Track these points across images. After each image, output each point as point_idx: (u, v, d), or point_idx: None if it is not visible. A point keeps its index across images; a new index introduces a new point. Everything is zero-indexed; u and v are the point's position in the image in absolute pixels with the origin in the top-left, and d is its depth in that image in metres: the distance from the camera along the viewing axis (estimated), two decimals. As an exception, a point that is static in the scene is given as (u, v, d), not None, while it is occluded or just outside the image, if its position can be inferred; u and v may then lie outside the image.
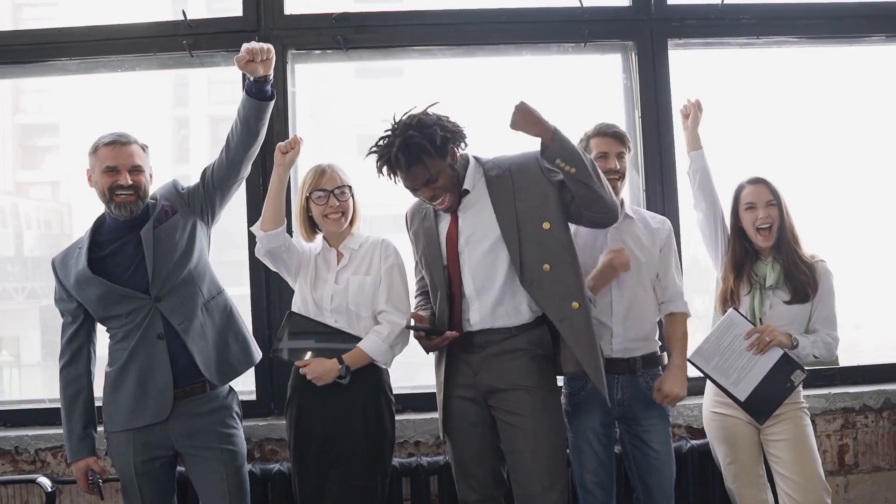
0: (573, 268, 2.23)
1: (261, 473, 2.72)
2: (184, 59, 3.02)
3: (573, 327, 2.18)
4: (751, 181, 2.59)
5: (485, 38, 3.07)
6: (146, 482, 2.30)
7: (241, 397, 2.85)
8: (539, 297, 2.20)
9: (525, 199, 2.22)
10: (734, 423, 2.51)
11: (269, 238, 2.37)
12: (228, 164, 2.41)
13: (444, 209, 2.26)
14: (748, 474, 2.49)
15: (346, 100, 3.40)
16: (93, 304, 2.31)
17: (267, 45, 2.34)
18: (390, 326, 2.33)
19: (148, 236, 2.31)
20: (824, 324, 2.53)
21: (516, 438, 2.20)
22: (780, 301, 2.51)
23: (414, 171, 2.15)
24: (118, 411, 2.31)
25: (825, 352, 2.50)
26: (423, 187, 2.19)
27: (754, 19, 3.09)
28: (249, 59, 2.31)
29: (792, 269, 2.51)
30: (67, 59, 3.03)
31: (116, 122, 3.19)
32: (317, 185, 2.38)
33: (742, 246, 2.58)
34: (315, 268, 2.44)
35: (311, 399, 2.34)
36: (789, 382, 2.42)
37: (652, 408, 2.43)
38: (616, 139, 2.49)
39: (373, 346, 2.31)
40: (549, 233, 2.20)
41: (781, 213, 2.54)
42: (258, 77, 2.35)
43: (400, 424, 2.84)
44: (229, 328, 2.42)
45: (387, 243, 2.44)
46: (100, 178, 2.32)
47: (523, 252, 2.19)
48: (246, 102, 2.37)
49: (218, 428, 2.35)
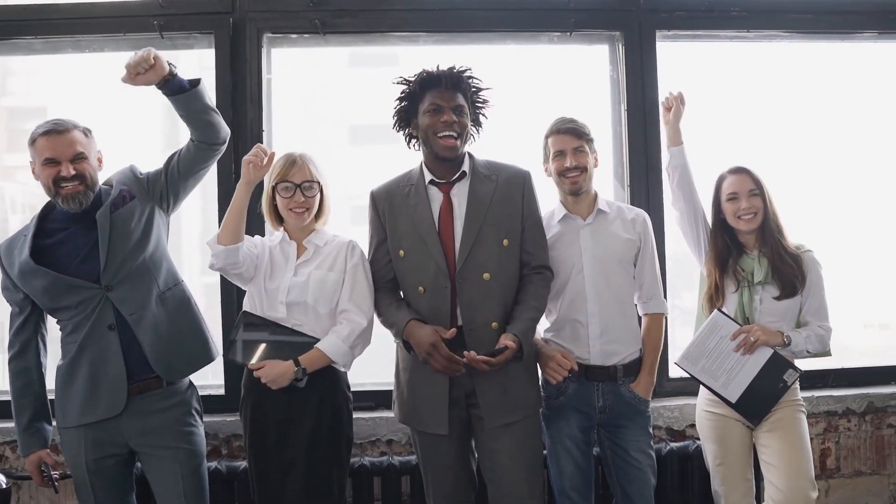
0: (509, 291, 2.21)
1: (227, 471, 2.63)
2: (154, 40, 2.89)
3: (475, 341, 2.15)
4: (732, 171, 2.50)
5: (468, 25, 2.99)
6: (99, 481, 2.21)
7: (209, 392, 2.80)
8: (463, 296, 2.16)
9: (498, 206, 2.21)
10: (726, 423, 2.45)
11: (225, 253, 2.23)
12: (195, 150, 2.28)
13: (448, 147, 2.19)
14: (736, 477, 2.43)
15: (339, 89, 3.31)
16: (38, 295, 2.21)
17: (141, 53, 2.07)
18: (350, 326, 2.24)
19: (104, 220, 2.19)
20: (815, 315, 2.45)
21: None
22: (770, 297, 2.44)
23: (452, 93, 2.21)
24: (70, 406, 2.21)
25: (819, 345, 2.43)
26: (449, 110, 2.18)
27: (745, 12, 3.03)
28: (135, 74, 2.08)
29: (778, 262, 2.43)
30: (32, 37, 2.91)
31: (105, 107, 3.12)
32: (285, 175, 2.27)
33: (725, 240, 2.50)
34: (271, 259, 2.34)
35: (265, 399, 2.25)
36: (782, 382, 2.37)
37: (634, 415, 2.38)
38: (571, 134, 2.38)
39: (332, 347, 2.22)
40: (504, 249, 2.19)
41: (765, 203, 2.45)
42: (159, 83, 2.13)
43: (372, 422, 2.78)
44: (186, 321, 2.32)
45: (354, 244, 2.35)
46: (41, 172, 2.18)
47: (472, 252, 2.16)
48: (173, 103, 2.18)
49: (175, 426, 2.25)
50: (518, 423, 2.19)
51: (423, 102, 2.22)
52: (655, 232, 2.59)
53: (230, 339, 2.31)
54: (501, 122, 3.06)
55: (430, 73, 2.21)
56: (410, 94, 2.25)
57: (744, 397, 2.37)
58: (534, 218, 2.28)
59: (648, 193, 2.92)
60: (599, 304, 2.35)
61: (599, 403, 2.36)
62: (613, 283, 2.37)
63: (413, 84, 2.24)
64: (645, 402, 2.39)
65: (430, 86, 2.21)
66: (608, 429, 2.40)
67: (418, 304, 2.21)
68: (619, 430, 2.38)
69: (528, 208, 2.26)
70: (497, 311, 2.18)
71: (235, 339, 2.29)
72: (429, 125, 2.20)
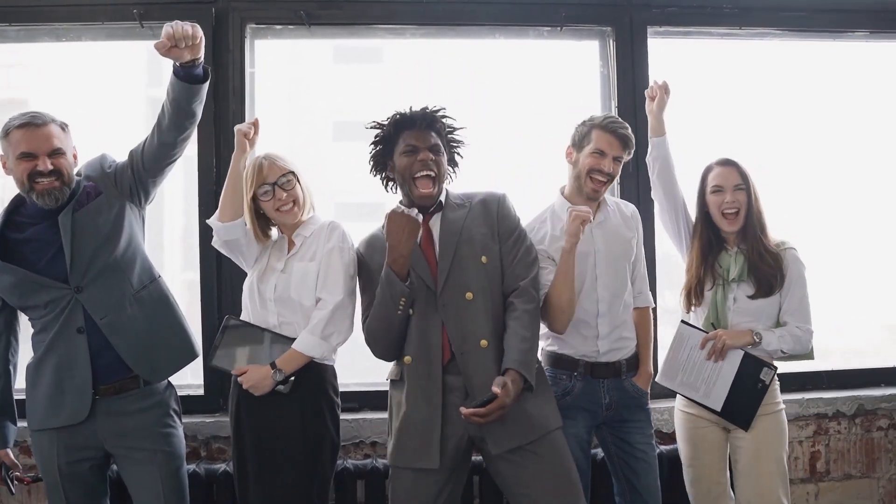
0: (494, 308, 2.13)
1: (205, 474, 2.56)
2: (134, 29, 2.81)
3: (470, 363, 2.07)
4: (719, 163, 2.45)
5: (456, 18, 2.94)
6: (72, 485, 2.13)
7: (188, 392, 2.73)
8: (448, 317, 2.09)
9: (472, 227, 2.16)
10: (700, 423, 2.42)
11: (227, 230, 2.24)
12: (160, 146, 2.18)
13: (424, 196, 2.13)
14: (707, 481, 2.40)
15: (323, 85, 3.26)
16: (6, 291, 2.12)
17: (192, 27, 1.95)
18: (320, 314, 2.16)
19: (66, 221, 2.10)
20: (794, 315, 2.38)
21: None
22: (744, 296, 2.38)
23: (427, 133, 2.16)
24: (36, 408, 2.14)
25: (795, 345, 2.35)
26: (425, 150, 2.13)
27: (737, 9, 3.00)
28: (172, 45, 1.93)
29: (756, 260, 2.37)
30: (6, 24, 2.81)
31: (87, 99, 3.04)
32: (259, 180, 2.21)
33: (708, 234, 2.44)
34: (268, 257, 2.30)
35: (249, 405, 2.18)
36: (760, 382, 2.33)
37: (636, 410, 2.37)
38: (621, 142, 2.30)
39: (303, 343, 2.15)
40: (483, 266, 2.14)
41: (750, 198, 2.39)
42: (185, 62, 2.02)
43: (356, 424, 2.72)
44: (164, 320, 2.24)
45: (334, 225, 2.28)
46: (16, 166, 2.09)
47: (451, 273, 2.11)
48: (175, 85, 2.06)
49: (153, 427, 2.18)
50: (535, 443, 2.07)
51: (398, 144, 2.17)
52: (645, 229, 2.56)
53: (213, 345, 2.25)
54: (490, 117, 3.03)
55: (404, 115, 2.17)
56: (385, 136, 2.20)
57: (727, 404, 2.34)
58: (512, 233, 2.20)
59: (639, 189, 2.87)
60: (609, 303, 2.33)
61: (606, 400, 2.33)
62: (619, 280, 2.35)
63: (387, 126, 2.19)
64: (646, 396, 2.39)
65: (405, 127, 2.16)
66: (612, 425, 2.37)
67: (410, 329, 2.14)
68: (623, 424, 2.35)
69: (503, 224, 2.20)
70: (485, 328, 2.10)
71: (218, 345, 2.23)
72: (405, 166, 2.14)
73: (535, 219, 2.41)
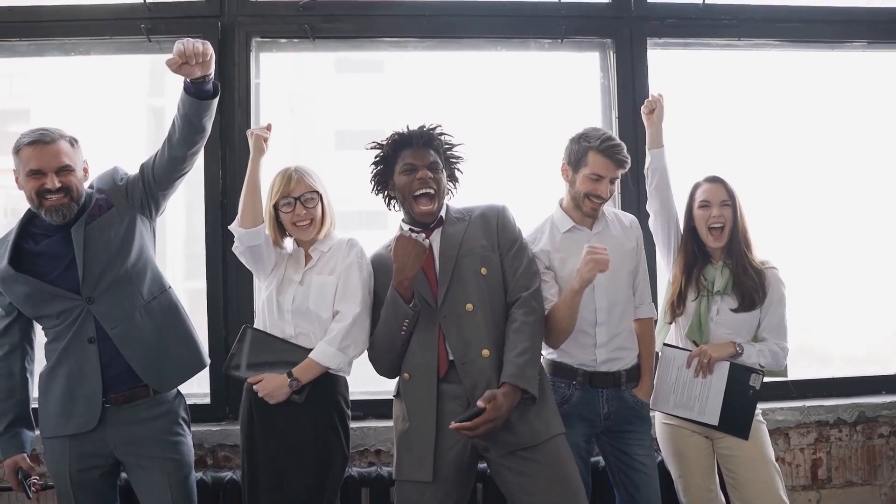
0: (495, 318, 2.15)
1: (212, 482, 2.58)
2: (142, 44, 2.86)
3: (472, 373, 2.09)
4: (708, 179, 2.50)
5: (458, 31, 2.97)
6: (83, 492, 2.16)
7: (195, 401, 2.75)
8: (449, 329, 2.12)
9: (472, 239, 2.20)
10: (683, 434, 2.45)
11: (249, 235, 2.24)
12: (171, 160, 2.22)
13: (425, 213, 2.18)
14: (698, 489, 2.43)
15: (325, 95, 3.29)
16: (20, 301, 2.16)
17: (202, 45, 2.02)
18: (338, 326, 2.20)
19: (78, 234, 2.14)
20: (773, 333, 2.45)
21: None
22: (728, 308, 2.43)
23: (425, 151, 2.21)
24: (47, 416, 2.17)
25: (772, 361, 2.42)
26: (423, 168, 2.18)
27: (736, 20, 3.03)
28: (183, 61, 2.01)
29: (741, 274, 2.42)
30: (17, 39, 2.87)
31: (89, 109, 3.08)
32: (284, 192, 2.25)
33: (693, 248, 2.50)
34: (285, 269, 2.32)
35: (261, 415, 2.20)
36: (751, 389, 2.37)
37: (637, 421, 2.37)
38: (619, 165, 2.31)
39: (321, 353, 2.18)
40: (483, 278, 2.16)
41: (735, 215, 2.45)
42: (195, 78, 2.08)
43: (360, 432, 2.74)
44: (174, 330, 2.27)
45: (353, 242, 2.32)
46: (26, 182, 2.13)
47: (451, 287, 2.14)
48: (186, 100, 2.12)
49: (162, 435, 2.21)
50: (537, 449, 2.08)
51: (397, 164, 2.22)
52: (645, 240, 2.57)
53: (230, 353, 2.27)
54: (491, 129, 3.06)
55: (402, 134, 2.21)
56: (384, 156, 2.25)
57: (723, 417, 2.37)
58: (513, 244, 2.23)
59: (639, 201, 2.89)
60: (608, 314, 2.34)
61: (604, 410, 2.34)
62: (620, 291, 2.37)
63: (386, 147, 2.23)
64: (647, 407, 2.40)
65: (403, 146, 2.21)
66: (612, 436, 2.38)
67: (412, 343, 2.17)
68: (623, 435, 2.36)
69: (504, 235, 2.23)
70: (487, 339, 2.12)
71: (235, 353, 2.25)
72: (405, 185, 2.19)
73: (536, 230, 2.43)
